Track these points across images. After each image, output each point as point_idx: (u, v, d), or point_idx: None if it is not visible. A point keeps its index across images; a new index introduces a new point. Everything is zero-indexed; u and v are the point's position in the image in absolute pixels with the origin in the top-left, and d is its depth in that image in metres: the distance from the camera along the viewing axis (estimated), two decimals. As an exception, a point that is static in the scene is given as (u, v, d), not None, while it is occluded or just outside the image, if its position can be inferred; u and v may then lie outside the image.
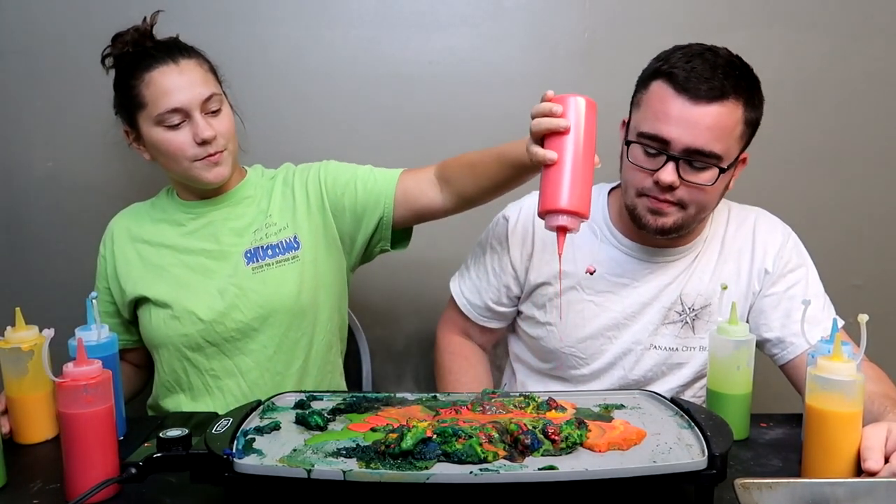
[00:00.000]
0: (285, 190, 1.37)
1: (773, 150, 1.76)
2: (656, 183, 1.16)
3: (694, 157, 1.14)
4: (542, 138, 1.03)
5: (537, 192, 1.43)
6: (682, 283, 1.28)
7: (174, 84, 1.23)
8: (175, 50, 1.27)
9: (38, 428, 1.11)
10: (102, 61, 1.32)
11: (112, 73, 1.32)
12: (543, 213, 1.01)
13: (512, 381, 1.45)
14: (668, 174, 1.14)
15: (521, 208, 1.37)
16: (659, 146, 1.15)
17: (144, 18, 1.30)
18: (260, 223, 1.34)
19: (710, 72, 1.13)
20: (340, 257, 1.38)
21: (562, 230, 1.00)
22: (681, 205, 1.18)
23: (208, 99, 1.26)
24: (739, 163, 1.22)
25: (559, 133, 1.01)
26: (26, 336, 1.08)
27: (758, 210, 1.35)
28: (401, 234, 1.37)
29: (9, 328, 1.09)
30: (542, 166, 1.02)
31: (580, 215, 0.99)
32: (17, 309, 1.09)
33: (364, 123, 1.72)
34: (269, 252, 1.31)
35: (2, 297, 1.69)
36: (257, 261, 1.31)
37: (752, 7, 1.71)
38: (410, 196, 1.30)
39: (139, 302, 1.34)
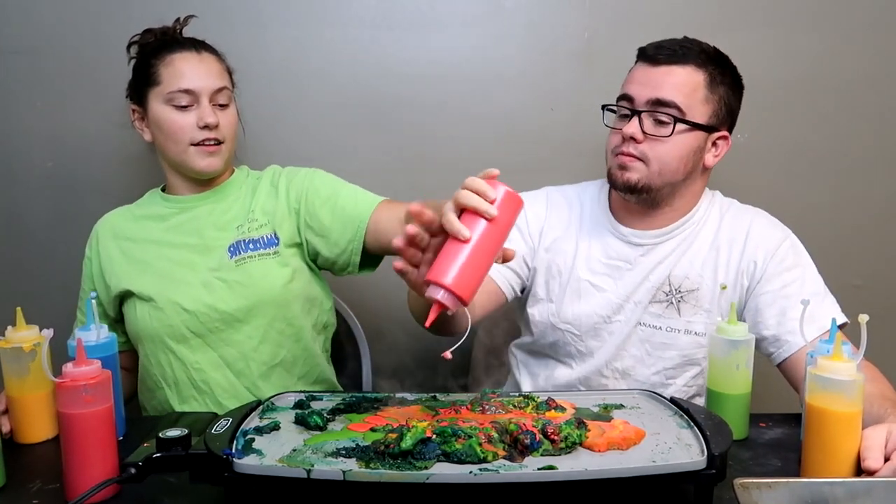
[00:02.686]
0: (271, 189, 1.40)
1: (773, 149, 1.77)
2: (623, 139, 1.26)
3: (656, 109, 1.24)
4: (461, 211, 0.94)
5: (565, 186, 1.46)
6: (672, 264, 1.32)
7: (192, 69, 1.31)
8: (200, 44, 1.36)
9: (38, 428, 1.11)
10: (128, 48, 1.38)
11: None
12: (429, 281, 0.92)
13: (516, 365, 1.47)
14: (631, 126, 1.25)
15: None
16: (627, 105, 1.27)
17: (178, 19, 1.39)
18: (243, 219, 1.36)
19: (671, 44, 1.26)
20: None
21: (438, 305, 0.92)
22: (644, 160, 1.25)
23: (219, 90, 1.32)
24: (719, 140, 1.29)
25: (479, 215, 0.92)
26: (27, 336, 1.08)
27: (760, 210, 1.36)
28: (370, 259, 1.37)
29: (9, 328, 1.08)
30: (450, 236, 0.93)
31: (462, 300, 0.91)
32: (18, 309, 1.09)
33: (364, 123, 1.73)
34: (251, 245, 1.34)
35: (2, 297, 1.69)
36: (240, 253, 1.33)
37: (752, 7, 1.71)
38: (381, 229, 1.31)
39: (124, 297, 1.36)
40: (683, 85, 1.24)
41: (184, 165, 1.34)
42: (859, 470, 0.93)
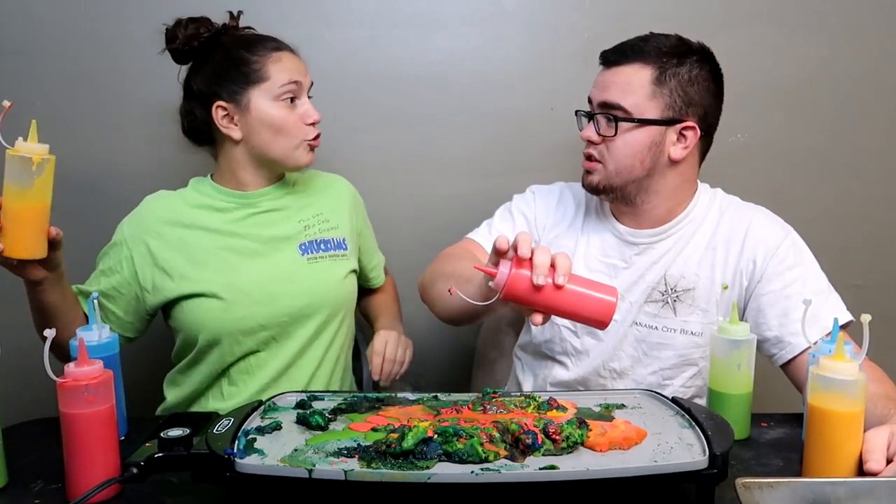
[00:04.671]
0: (340, 199, 1.47)
1: (773, 149, 1.77)
2: (587, 143, 1.31)
3: (606, 111, 1.27)
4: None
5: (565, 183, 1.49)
6: (668, 263, 1.32)
7: (297, 67, 1.36)
8: (288, 45, 1.38)
9: (31, 242, 1.07)
10: (179, 43, 1.35)
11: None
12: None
13: (521, 368, 1.47)
14: (587, 130, 1.30)
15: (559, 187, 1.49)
16: (587, 109, 1.33)
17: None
18: (309, 217, 1.41)
19: (624, 45, 1.29)
20: None
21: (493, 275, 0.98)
22: (602, 161, 1.29)
23: (310, 86, 1.38)
24: (686, 131, 1.27)
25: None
26: (38, 148, 1.03)
27: (760, 208, 1.36)
28: None
29: (20, 139, 1.04)
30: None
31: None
32: (34, 121, 1.05)
33: (364, 123, 1.73)
34: (323, 246, 1.40)
35: (2, 297, 1.68)
36: (312, 252, 1.39)
37: (752, 7, 1.71)
38: None
39: (182, 298, 1.32)
40: (627, 83, 1.25)
41: (287, 160, 1.34)
42: (861, 470, 0.93)
